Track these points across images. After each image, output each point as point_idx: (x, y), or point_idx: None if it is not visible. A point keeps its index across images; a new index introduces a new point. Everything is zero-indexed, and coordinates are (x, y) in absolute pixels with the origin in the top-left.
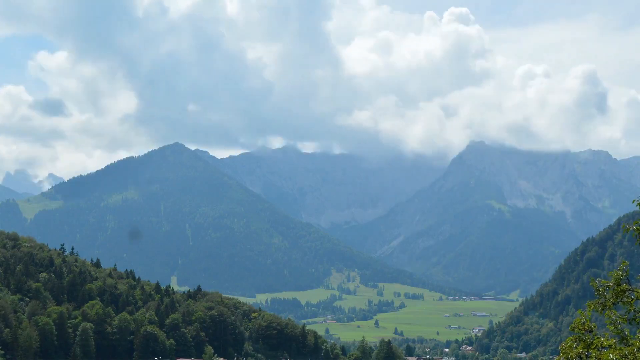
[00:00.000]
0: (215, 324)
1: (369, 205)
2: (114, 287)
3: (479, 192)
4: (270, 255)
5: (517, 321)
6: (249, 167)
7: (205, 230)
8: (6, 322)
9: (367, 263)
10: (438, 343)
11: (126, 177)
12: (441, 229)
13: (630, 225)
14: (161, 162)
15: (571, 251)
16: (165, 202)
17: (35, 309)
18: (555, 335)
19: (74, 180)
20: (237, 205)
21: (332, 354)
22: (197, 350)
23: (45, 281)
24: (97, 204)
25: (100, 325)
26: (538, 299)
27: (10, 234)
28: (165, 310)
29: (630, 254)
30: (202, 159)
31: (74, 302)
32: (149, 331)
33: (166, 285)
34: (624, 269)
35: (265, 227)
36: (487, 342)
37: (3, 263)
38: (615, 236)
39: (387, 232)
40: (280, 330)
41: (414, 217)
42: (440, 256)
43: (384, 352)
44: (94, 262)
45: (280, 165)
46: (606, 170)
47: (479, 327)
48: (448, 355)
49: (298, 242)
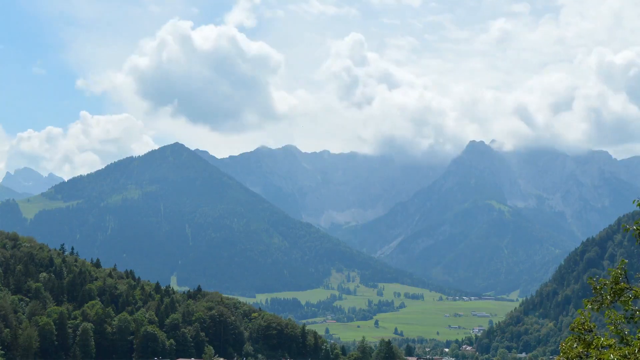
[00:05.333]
0: (215, 324)
1: (369, 205)
2: (114, 287)
3: (479, 192)
4: (270, 255)
5: (517, 321)
6: (249, 167)
7: (205, 230)
8: (6, 322)
9: (367, 263)
10: (438, 343)
11: (126, 177)
12: (441, 229)
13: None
14: (161, 162)
15: (571, 251)
16: (165, 202)
17: (35, 309)
18: (555, 335)
19: (74, 180)
20: (237, 205)
21: (332, 354)
22: (197, 350)
23: (45, 281)
24: (97, 204)
25: (100, 325)
26: (538, 299)
27: (10, 234)
28: (165, 310)
29: (630, 254)
30: (202, 159)
31: (74, 302)
32: (149, 331)
33: (166, 285)
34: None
35: (265, 227)
36: (487, 342)
37: (3, 263)
38: (615, 236)
39: (387, 232)
40: (280, 330)
41: (414, 217)
42: (440, 256)
43: (384, 352)
44: (94, 262)
45: (280, 165)
46: (606, 170)
47: (479, 327)
48: (448, 355)
49: (298, 242)
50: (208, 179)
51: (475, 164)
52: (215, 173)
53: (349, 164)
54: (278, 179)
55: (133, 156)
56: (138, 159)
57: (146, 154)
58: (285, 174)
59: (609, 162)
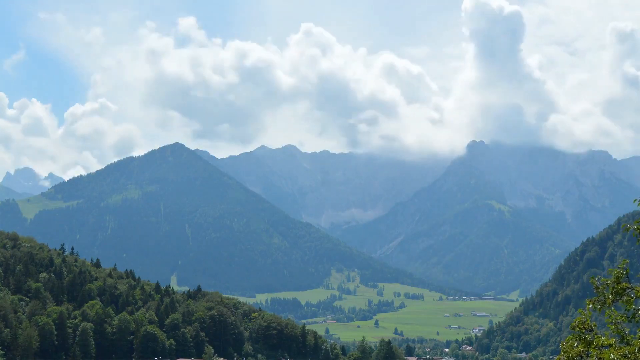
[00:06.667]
0: (215, 324)
1: (369, 205)
2: (114, 287)
3: (479, 192)
4: (270, 255)
5: (517, 321)
6: (249, 167)
7: (205, 230)
8: (6, 322)
9: (367, 263)
10: (438, 343)
11: (126, 177)
12: (441, 229)
13: (631, 225)
14: (161, 162)
15: (571, 251)
16: (165, 202)
17: (35, 309)
18: (555, 335)
19: (74, 180)
20: (237, 205)
21: (332, 354)
22: (197, 350)
23: (45, 281)
24: (97, 204)
25: (100, 325)
26: (538, 299)
27: (10, 234)
28: (165, 310)
29: (631, 254)
30: (202, 159)
31: (74, 302)
32: (149, 331)
33: (166, 285)
34: (625, 267)
35: (265, 227)
36: (487, 342)
37: (3, 263)
38: (615, 236)
39: (387, 232)
40: (280, 330)
41: (414, 217)
42: (440, 256)
43: (384, 352)
44: (94, 262)
45: (280, 165)
46: (606, 170)
47: (479, 327)
48: (448, 355)
49: (298, 242)
50: (208, 179)
51: (475, 164)
52: (215, 173)
53: (349, 164)
54: (278, 179)
55: (133, 156)
56: (138, 159)
57: (146, 154)
58: (285, 174)
59: (609, 162)
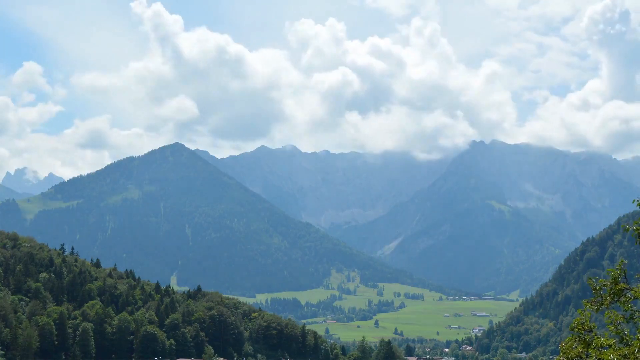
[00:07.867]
0: (215, 324)
1: (369, 205)
2: (114, 287)
3: (479, 192)
4: (270, 255)
5: (517, 321)
6: (249, 167)
7: (205, 230)
8: (6, 322)
9: (367, 263)
10: (438, 343)
11: (126, 177)
12: (441, 229)
13: (630, 225)
14: (161, 162)
15: (571, 251)
16: (165, 202)
17: (35, 309)
18: (555, 335)
19: (74, 180)
20: (237, 205)
21: (332, 354)
22: (197, 350)
23: (45, 281)
24: (97, 204)
25: (100, 325)
26: (538, 299)
27: (10, 234)
28: (165, 310)
29: (630, 254)
30: (202, 159)
31: (74, 302)
32: (149, 331)
33: (166, 285)
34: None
35: (265, 227)
36: (487, 342)
37: (3, 263)
38: (615, 236)
39: (387, 232)
40: (280, 330)
41: (414, 217)
42: (440, 256)
43: (383, 352)
44: (94, 262)
45: (280, 165)
46: (606, 170)
47: (479, 327)
48: (448, 355)
49: (298, 242)
50: (208, 179)
51: (475, 164)
52: (215, 173)
53: (349, 164)
54: (278, 179)
55: (133, 156)
56: (138, 159)
57: (146, 154)
58: (285, 174)
59: (609, 162)
